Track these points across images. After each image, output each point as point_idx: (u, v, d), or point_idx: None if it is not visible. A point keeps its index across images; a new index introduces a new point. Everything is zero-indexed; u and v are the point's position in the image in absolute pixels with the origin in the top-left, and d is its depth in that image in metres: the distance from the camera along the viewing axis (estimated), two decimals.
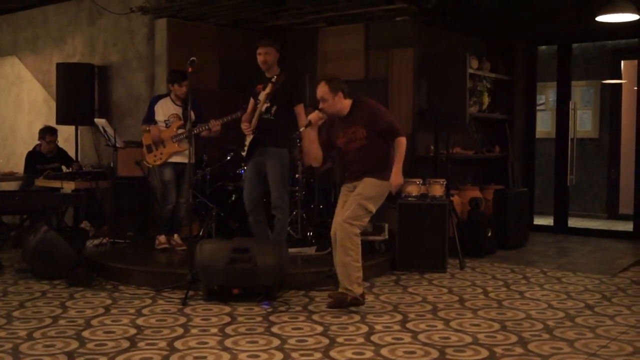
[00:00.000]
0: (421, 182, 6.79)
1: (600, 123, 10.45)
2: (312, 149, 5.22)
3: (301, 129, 5.27)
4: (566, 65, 9.03)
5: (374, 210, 5.13)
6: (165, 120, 6.76)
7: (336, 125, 5.23)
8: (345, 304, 5.05)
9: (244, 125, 6.03)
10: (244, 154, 6.13)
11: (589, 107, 10.48)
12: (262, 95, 5.94)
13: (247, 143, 6.06)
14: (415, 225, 6.61)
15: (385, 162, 5.12)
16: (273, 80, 5.79)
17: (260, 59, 5.96)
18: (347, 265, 5.03)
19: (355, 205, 5.04)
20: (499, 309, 5.22)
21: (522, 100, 9.20)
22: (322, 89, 5.11)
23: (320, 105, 5.12)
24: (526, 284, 6.07)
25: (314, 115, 5.13)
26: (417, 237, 6.57)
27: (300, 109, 5.96)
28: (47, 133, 8.27)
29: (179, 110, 6.78)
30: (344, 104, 5.16)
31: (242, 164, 6.73)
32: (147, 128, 6.76)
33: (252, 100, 6.13)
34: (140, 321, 4.80)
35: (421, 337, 4.46)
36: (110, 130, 7.21)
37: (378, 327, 4.67)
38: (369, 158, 5.11)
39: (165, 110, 6.79)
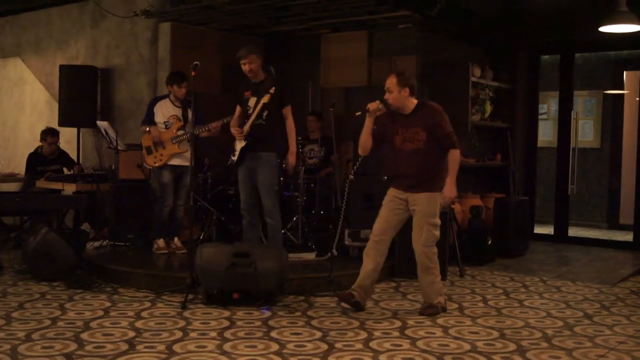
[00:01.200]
0: None
1: (601, 133, 10.47)
2: (363, 137, 5.24)
3: (357, 114, 5.25)
4: (569, 75, 9.04)
5: (439, 221, 5.22)
6: (164, 122, 6.78)
7: (397, 121, 5.20)
8: (436, 313, 5.21)
9: (234, 130, 6.09)
10: (234, 158, 6.17)
11: (591, 117, 10.50)
12: (252, 102, 6.03)
13: (237, 148, 6.12)
14: None
15: (437, 172, 5.14)
16: (271, 91, 5.85)
17: (245, 69, 6.03)
18: (433, 282, 5.24)
19: (426, 227, 5.12)
20: (498, 317, 5.22)
21: (524, 109, 9.22)
22: (390, 80, 5.14)
23: (385, 96, 5.13)
24: (525, 293, 6.08)
25: (373, 105, 5.13)
26: None
27: (288, 110, 6.04)
28: (49, 134, 8.29)
29: (178, 112, 6.80)
30: (409, 101, 5.16)
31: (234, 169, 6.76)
32: (147, 129, 6.77)
33: (238, 108, 6.20)
34: (139, 324, 4.81)
35: (420, 343, 4.47)
36: (112, 133, 7.23)
37: (377, 334, 4.68)
38: (423, 164, 5.10)
39: (165, 111, 6.80)
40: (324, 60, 8.51)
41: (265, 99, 5.85)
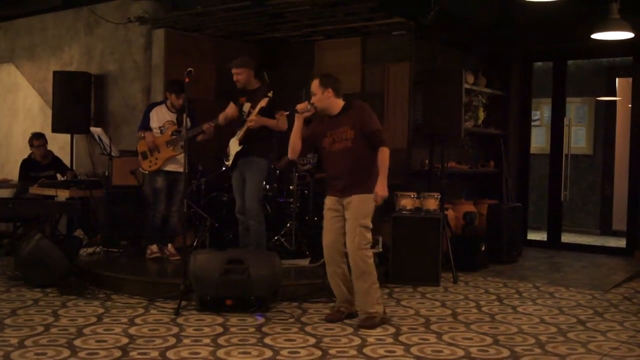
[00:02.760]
0: (416, 195, 6.80)
1: (594, 139, 10.51)
2: (292, 139, 5.20)
3: (285, 113, 5.40)
4: (561, 82, 9.08)
5: (371, 224, 5.08)
6: (160, 127, 6.79)
7: (324, 123, 5.16)
8: (375, 325, 5.02)
9: (222, 116, 6.32)
10: (228, 163, 6.24)
11: (584, 124, 10.54)
12: (246, 107, 6.13)
13: (231, 152, 6.21)
14: (409, 239, 6.62)
15: (369, 171, 5.04)
16: (270, 95, 5.93)
17: (234, 78, 6.21)
18: (368, 289, 5.03)
19: (357, 230, 4.99)
20: (492, 323, 5.23)
21: (517, 116, 9.25)
22: (313, 83, 5.13)
23: (312, 100, 5.12)
24: (519, 299, 6.09)
25: (301, 105, 5.12)
26: (411, 251, 6.59)
27: (280, 115, 6.09)
28: (34, 138, 8.30)
29: (173, 117, 6.81)
30: (334, 102, 5.11)
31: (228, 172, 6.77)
32: (142, 135, 6.79)
33: (232, 104, 6.33)
34: (132, 330, 4.79)
35: (414, 350, 4.47)
36: (105, 139, 7.22)
37: (371, 340, 4.67)
38: (353, 164, 5.02)
39: (160, 117, 6.82)
40: (318, 66, 8.51)
41: (263, 102, 5.92)
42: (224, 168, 7.25)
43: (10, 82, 9.93)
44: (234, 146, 6.20)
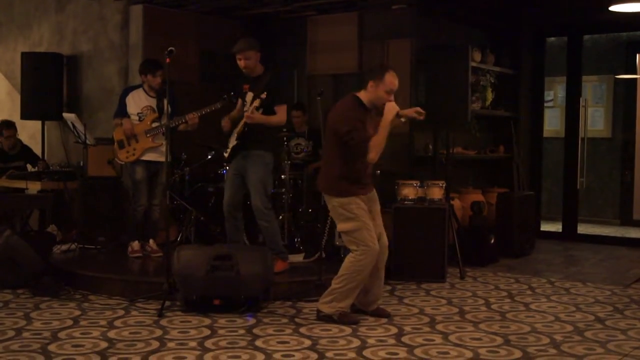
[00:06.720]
0: (419, 184, 6.82)
1: (613, 121, 10.52)
2: (383, 142, 5.00)
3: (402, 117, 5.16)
4: (577, 59, 9.09)
5: None
6: (138, 113, 6.77)
7: (369, 119, 5.12)
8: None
9: (225, 122, 6.13)
10: (226, 155, 6.19)
11: (601, 104, 10.55)
12: (249, 97, 6.05)
13: (230, 145, 6.13)
14: (412, 231, 6.64)
15: None
16: (263, 96, 5.86)
17: (240, 64, 6.07)
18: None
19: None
20: (502, 321, 5.25)
21: (528, 96, 9.26)
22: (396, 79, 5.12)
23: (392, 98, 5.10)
24: (532, 295, 6.12)
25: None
26: (414, 244, 6.60)
27: (281, 108, 6.05)
28: (4, 127, 8.25)
29: (152, 102, 6.79)
30: None
31: (225, 165, 6.77)
32: (120, 122, 6.77)
33: (240, 101, 6.21)
34: (112, 334, 4.80)
35: (418, 351, 4.49)
36: (79, 126, 7.21)
37: (371, 341, 4.69)
38: None
39: (138, 102, 6.79)
40: (310, 45, 8.51)
41: (256, 103, 5.88)
42: (209, 156, 7.26)
43: None
44: (232, 139, 6.14)
